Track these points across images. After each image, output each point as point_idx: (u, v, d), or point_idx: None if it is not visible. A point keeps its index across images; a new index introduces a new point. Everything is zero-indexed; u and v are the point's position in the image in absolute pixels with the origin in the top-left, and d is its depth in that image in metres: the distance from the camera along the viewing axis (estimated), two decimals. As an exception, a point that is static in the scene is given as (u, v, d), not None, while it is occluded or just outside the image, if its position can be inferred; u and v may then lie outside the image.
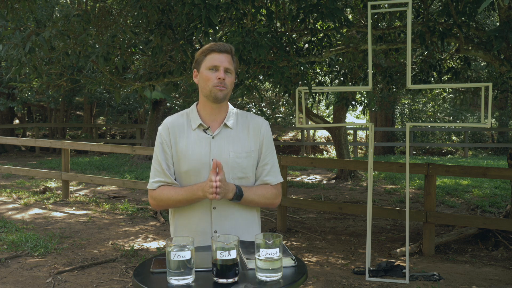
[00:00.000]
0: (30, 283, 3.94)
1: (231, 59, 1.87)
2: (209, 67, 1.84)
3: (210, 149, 1.86)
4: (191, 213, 1.88)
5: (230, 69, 1.85)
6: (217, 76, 1.82)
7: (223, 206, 1.86)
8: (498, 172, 4.90)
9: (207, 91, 1.85)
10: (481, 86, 3.89)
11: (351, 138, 17.96)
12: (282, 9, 4.96)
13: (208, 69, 1.84)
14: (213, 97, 1.84)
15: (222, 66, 1.83)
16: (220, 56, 1.83)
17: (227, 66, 1.84)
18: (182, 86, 10.95)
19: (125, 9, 5.02)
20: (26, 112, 19.56)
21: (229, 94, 1.88)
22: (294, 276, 1.50)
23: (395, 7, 4.41)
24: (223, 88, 1.83)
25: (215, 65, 1.83)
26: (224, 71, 1.83)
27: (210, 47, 1.86)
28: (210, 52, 1.85)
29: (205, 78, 1.84)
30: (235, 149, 1.87)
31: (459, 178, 9.96)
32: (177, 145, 1.88)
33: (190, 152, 1.86)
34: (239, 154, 1.87)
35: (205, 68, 1.85)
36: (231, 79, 1.86)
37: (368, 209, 4.19)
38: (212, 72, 1.83)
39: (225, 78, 1.83)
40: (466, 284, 3.97)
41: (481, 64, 9.74)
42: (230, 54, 1.87)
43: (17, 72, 4.45)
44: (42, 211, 6.73)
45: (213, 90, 1.83)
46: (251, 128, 1.92)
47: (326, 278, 4.10)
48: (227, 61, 1.84)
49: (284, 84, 4.28)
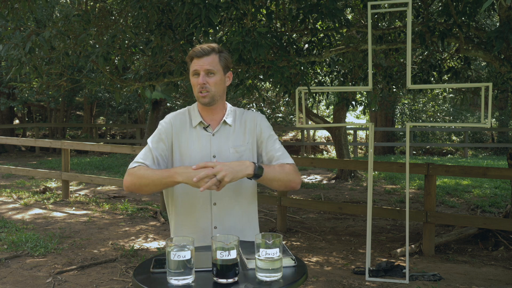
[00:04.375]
0: (30, 283, 3.94)
1: (214, 59, 1.85)
2: (192, 73, 1.87)
3: (211, 146, 1.89)
4: (191, 209, 1.88)
5: (212, 69, 1.84)
6: (197, 82, 1.84)
7: (224, 202, 1.88)
8: (498, 172, 4.90)
9: (196, 96, 1.90)
10: (481, 86, 3.89)
11: (351, 138, 17.96)
12: (282, 9, 4.96)
13: (192, 75, 1.88)
14: (200, 102, 1.88)
15: (202, 70, 1.84)
16: (199, 61, 1.84)
17: (207, 68, 1.83)
18: (182, 86, 10.95)
19: (125, 9, 5.02)
20: (26, 112, 19.56)
21: (218, 93, 1.88)
22: (294, 276, 1.50)
23: (395, 7, 4.41)
24: (206, 93, 1.84)
25: (195, 70, 1.85)
26: (205, 74, 1.84)
27: (191, 53, 1.87)
28: (193, 58, 1.87)
29: (192, 84, 1.89)
30: (235, 145, 1.90)
31: (459, 178, 9.96)
32: (178, 141, 1.89)
33: (191, 148, 1.88)
34: (238, 149, 1.90)
35: (190, 75, 1.89)
36: (214, 79, 1.85)
37: (368, 209, 4.19)
38: (196, 78, 1.86)
39: (207, 81, 1.84)
40: (466, 284, 3.97)
41: (481, 64, 9.74)
42: (213, 53, 1.85)
43: (17, 72, 4.45)
44: (42, 211, 6.73)
45: (198, 97, 1.87)
46: (247, 122, 1.96)
47: (326, 278, 4.10)
48: (207, 63, 1.83)
49: (284, 84, 4.27)
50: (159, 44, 4.21)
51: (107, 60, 4.34)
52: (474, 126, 8.65)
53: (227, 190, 1.85)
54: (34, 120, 19.97)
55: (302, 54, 4.96)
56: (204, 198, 1.87)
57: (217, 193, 1.85)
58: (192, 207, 1.88)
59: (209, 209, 1.87)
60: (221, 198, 1.87)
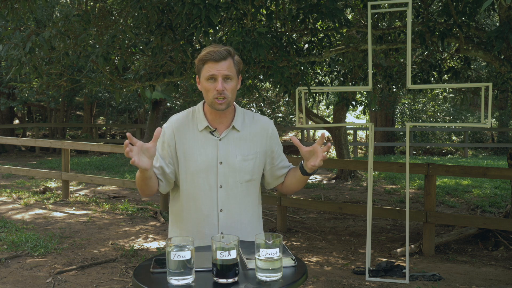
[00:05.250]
0: (30, 283, 3.94)
1: (230, 63, 1.77)
2: (207, 77, 1.77)
3: (218, 152, 1.84)
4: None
5: (230, 75, 1.77)
6: (215, 88, 1.76)
7: (229, 185, 1.85)
8: (498, 172, 4.90)
9: (209, 102, 1.80)
10: (481, 86, 3.89)
11: (351, 138, 17.96)
12: (282, 9, 4.96)
13: (206, 80, 1.77)
14: (215, 108, 1.80)
15: (220, 76, 1.75)
16: (217, 65, 1.75)
17: (225, 73, 1.75)
18: (182, 86, 10.95)
19: (125, 9, 5.02)
20: (26, 112, 19.57)
21: (233, 99, 1.83)
22: (294, 276, 1.50)
23: (395, 7, 4.41)
24: (223, 100, 1.77)
25: (212, 74, 1.76)
26: (222, 80, 1.76)
27: (206, 55, 1.76)
28: (207, 61, 1.76)
29: (205, 89, 1.79)
30: (242, 152, 1.85)
31: (459, 178, 9.96)
32: (183, 145, 1.85)
33: (197, 153, 1.83)
34: (245, 157, 1.85)
35: (204, 78, 1.79)
36: (231, 85, 1.78)
37: (368, 209, 4.19)
38: (211, 83, 1.77)
39: (225, 87, 1.76)
40: (466, 284, 3.97)
41: (481, 64, 9.75)
42: (230, 58, 1.78)
43: (17, 72, 4.45)
44: (42, 211, 6.73)
45: (214, 103, 1.78)
46: (258, 129, 1.90)
47: (326, 278, 4.10)
48: (225, 67, 1.75)
49: (284, 84, 4.28)
50: (159, 44, 4.21)
51: (107, 60, 4.34)
52: (474, 126, 8.65)
53: (234, 196, 1.85)
54: (34, 120, 19.97)
55: (302, 54, 4.96)
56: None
57: (224, 199, 1.85)
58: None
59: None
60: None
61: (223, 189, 1.84)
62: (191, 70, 4.63)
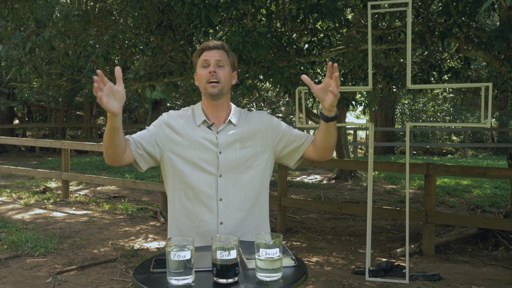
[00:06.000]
0: (30, 283, 3.94)
1: (223, 54, 1.87)
2: (201, 64, 1.86)
3: (218, 143, 1.85)
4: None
5: (222, 61, 1.85)
6: (206, 73, 1.83)
7: (229, 174, 1.85)
8: (498, 172, 4.90)
9: (203, 89, 1.86)
10: (481, 86, 3.89)
11: (351, 138, 17.97)
12: (282, 9, 4.96)
13: (201, 67, 1.86)
14: (209, 93, 1.84)
15: (213, 60, 1.83)
16: (210, 53, 1.85)
17: (217, 58, 1.84)
18: (182, 86, 10.95)
19: (125, 9, 5.02)
20: (26, 112, 19.57)
21: (226, 88, 1.87)
22: (294, 276, 1.50)
23: (395, 7, 4.41)
24: (216, 83, 1.82)
25: (205, 60, 1.84)
26: (215, 65, 1.83)
27: (201, 46, 1.89)
28: (202, 52, 1.87)
29: (199, 76, 1.86)
30: (241, 139, 1.88)
31: (459, 178, 9.96)
32: (181, 137, 1.86)
33: (196, 146, 1.86)
34: (244, 144, 1.88)
35: (198, 67, 1.88)
36: (224, 72, 1.85)
37: (368, 209, 4.19)
38: (205, 69, 1.85)
39: (218, 71, 1.83)
40: (466, 284, 3.97)
41: (481, 64, 9.75)
42: (223, 49, 1.88)
43: (17, 72, 4.45)
44: (42, 211, 6.73)
45: (207, 87, 1.83)
46: (253, 120, 1.94)
47: (326, 278, 4.10)
48: (218, 54, 1.84)
49: (284, 84, 4.28)
50: (159, 44, 4.21)
51: (107, 60, 4.35)
52: (474, 126, 8.64)
53: (233, 184, 1.85)
54: (34, 120, 19.97)
55: (302, 54, 4.96)
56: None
57: (224, 188, 1.84)
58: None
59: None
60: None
61: (223, 178, 1.85)
62: (191, 70, 4.63)
